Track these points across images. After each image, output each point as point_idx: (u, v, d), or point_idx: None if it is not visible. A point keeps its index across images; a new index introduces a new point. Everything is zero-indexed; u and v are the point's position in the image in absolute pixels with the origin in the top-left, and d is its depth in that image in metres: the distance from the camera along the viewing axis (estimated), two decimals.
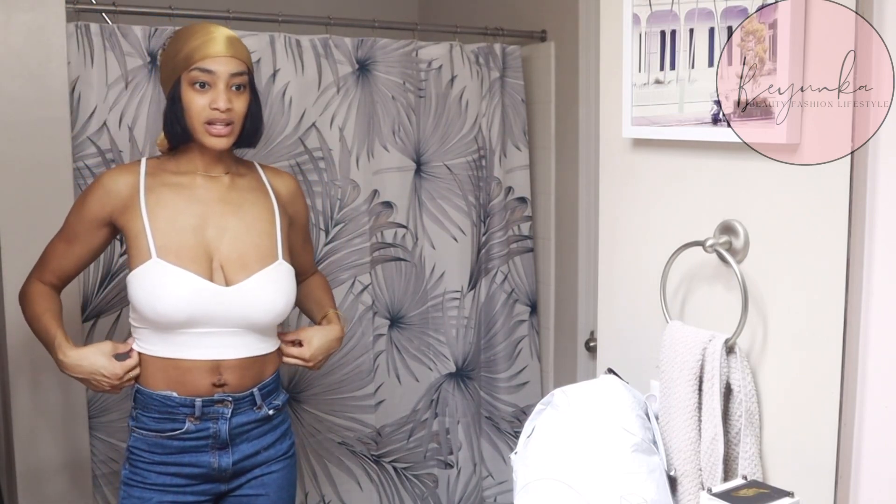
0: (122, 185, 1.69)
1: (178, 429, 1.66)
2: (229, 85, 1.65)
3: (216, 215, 1.70)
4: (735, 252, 1.15)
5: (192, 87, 1.64)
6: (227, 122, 1.65)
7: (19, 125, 2.00)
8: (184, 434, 1.67)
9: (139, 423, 1.69)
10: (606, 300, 1.43)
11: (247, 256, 1.68)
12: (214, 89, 1.64)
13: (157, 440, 1.67)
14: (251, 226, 1.72)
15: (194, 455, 1.68)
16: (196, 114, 1.64)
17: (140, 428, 1.68)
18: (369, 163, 2.49)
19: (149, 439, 1.67)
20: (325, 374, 2.49)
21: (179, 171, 1.73)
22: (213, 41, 1.65)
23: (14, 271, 2.01)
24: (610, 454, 1.13)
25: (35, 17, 2.00)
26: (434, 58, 2.56)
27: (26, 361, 2.04)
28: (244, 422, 1.72)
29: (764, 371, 1.13)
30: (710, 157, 1.19)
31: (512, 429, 2.79)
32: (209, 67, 1.63)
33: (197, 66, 1.63)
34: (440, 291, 2.67)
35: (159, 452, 1.67)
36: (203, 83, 1.64)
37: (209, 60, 1.63)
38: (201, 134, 1.66)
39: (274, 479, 1.77)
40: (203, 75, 1.63)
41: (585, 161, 2.52)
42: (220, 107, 1.63)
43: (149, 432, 1.67)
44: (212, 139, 1.66)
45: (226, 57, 1.64)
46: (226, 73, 1.64)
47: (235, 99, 1.66)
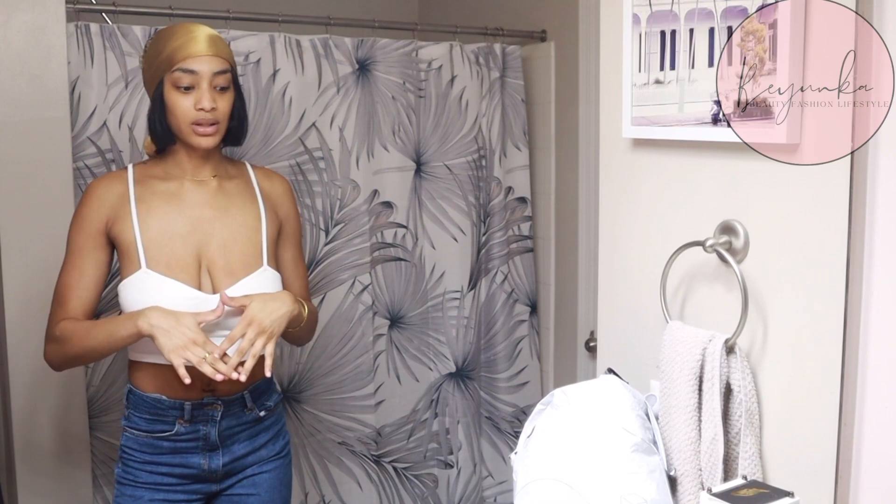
0: (113, 195, 1.68)
1: (168, 430, 1.66)
2: (213, 84, 1.64)
3: (204, 221, 1.69)
4: (735, 252, 1.15)
5: (176, 88, 1.63)
6: (212, 121, 1.64)
7: (19, 125, 2.00)
8: (174, 436, 1.67)
9: (131, 422, 1.69)
10: (606, 300, 1.43)
11: (233, 263, 1.68)
12: (198, 89, 1.63)
13: (147, 440, 1.67)
14: (237, 232, 1.70)
15: (185, 456, 1.68)
16: (181, 115, 1.63)
17: (132, 428, 1.69)
18: (369, 163, 2.49)
19: (140, 439, 1.68)
20: (325, 374, 2.50)
21: (168, 176, 1.71)
22: (195, 40, 1.63)
23: (14, 271, 2.01)
24: (610, 454, 1.13)
25: (35, 17, 2.00)
26: (434, 58, 2.56)
27: (26, 361, 2.04)
28: (234, 424, 1.71)
29: (764, 371, 1.13)
30: (710, 157, 1.19)
31: (512, 429, 2.79)
32: (192, 67, 1.62)
33: (179, 66, 1.62)
34: (440, 291, 2.67)
35: (150, 452, 1.67)
36: (186, 84, 1.62)
37: (191, 60, 1.62)
38: (188, 135, 1.65)
39: (266, 479, 1.77)
40: (186, 76, 1.62)
41: (585, 161, 2.52)
42: (205, 107, 1.62)
43: (140, 432, 1.68)
44: (198, 139, 1.65)
45: (208, 56, 1.63)
46: (209, 73, 1.63)
47: (219, 98, 1.65)
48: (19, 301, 2.02)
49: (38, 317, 2.03)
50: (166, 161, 1.73)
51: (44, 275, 2.03)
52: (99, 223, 1.67)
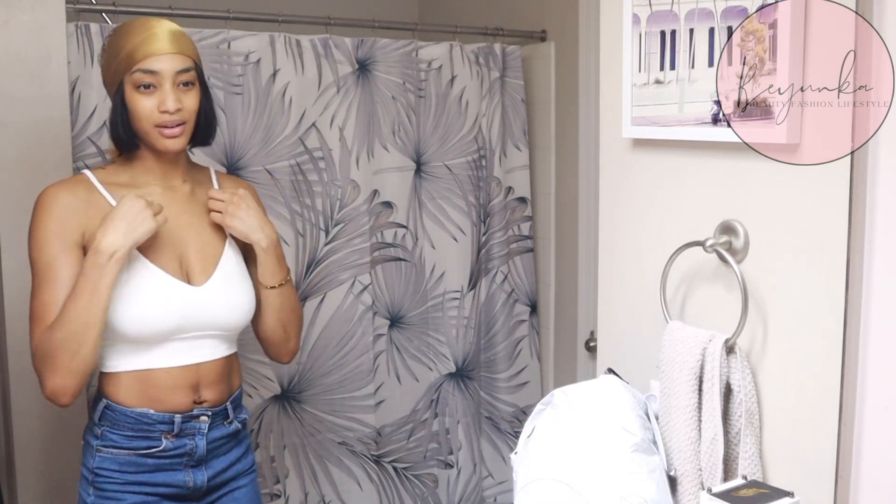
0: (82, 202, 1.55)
1: (153, 447, 1.57)
2: (176, 83, 1.53)
3: (181, 227, 1.62)
4: (735, 252, 1.15)
5: (137, 89, 1.52)
6: (178, 122, 1.54)
7: (19, 125, 2.00)
8: (160, 452, 1.58)
9: (106, 441, 1.57)
10: (606, 300, 1.43)
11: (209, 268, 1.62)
12: (160, 90, 1.52)
13: (129, 458, 1.57)
14: (210, 239, 1.65)
15: (169, 474, 1.60)
16: (145, 118, 1.53)
17: (108, 447, 1.57)
18: (369, 163, 2.49)
19: (119, 458, 1.57)
20: (325, 374, 2.50)
21: (135, 183, 1.60)
22: (154, 38, 1.52)
23: (14, 271, 2.01)
24: (610, 454, 1.13)
25: (35, 17, 2.00)
26: (434, 58, 2.56)
27: (26, 361, 2.03)
28: (217, 437, 1.65)
29: (764, 371, 1.13)
30: (709, 157, 1.19)
31: (512, 429, 2.79)
32: (152, 68, 1.51)
33: (139, 66, 1.51)
34: (440, 291, 2.67)
35: (132, 471, 1.57)
36: (147, 84, 1.52)
37: (151, 59, 1.51)
38: (154, 138, 1.55)
39: (244, 494, 1.72)
40: (147, 76, 1.51)
41: (585, 161, 2.52)
42: (169, 108, 1.52)
43: (119, 450, 1.57)
44: (165, 142, 1.55)
45: (169, 55, 1.52)
46: (171, 71, 1.52)
47: (184, 97, 1.54)
48: (19, 301, 2.02)
49: None
50: (133, 167, 1.62)
51: None
52: (73, 233, 1.52)
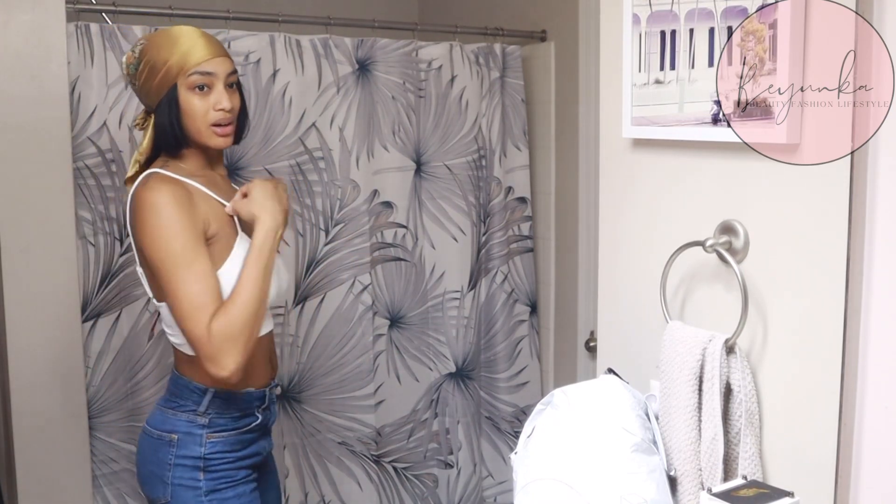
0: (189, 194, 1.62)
1: (253, 422, 1.72)
2: (227, 84, 1.68)
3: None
4: (735, 252, 1.15)
5: (192, 90, 1.65)
6: (230, 121, 1.69)
7: (19, 125, 2.00)
8: (257, 426, 1.73)
9: (214, 426, 1.67)
10: (606, 300, 1.43)
11: None
12: (215, 91, 1.66)
13: (236, 437, 1.70)
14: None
15: (258, 445, 1.76)
16: (201, 117, 1.66)
17: (218, 431, 1.67)
18: (369, 163, 2.49)
19: (230, 439, 1.69)
20: (325, 374, 2.50)
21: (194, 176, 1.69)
22: (204, 43, 1.67)
23: (14, 271, 2.01)
24: (610, 454, 1.13)
25: (35, 17, 2.00)
26: (434, 58, 2.56)
27: (26, 361, 2.04)
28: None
29: (764, 371, 1.13)
30: (710, 157, 1.19)
31: (512, 429, 2.79)
32: (209, 70, 1.65)
33: (197, 69, 1.64)
34: (440, 291, 2.67)
35: (239, 448, 1.71)
36: (202, 86, 1.65)
37: (207, 63, 1.65)
38: (207, 136, 1.67)
39: (273, 464, 1.90)
40: (203, 78, 1.65)
41: (585, 161, 2.52)
42: (226, 107, 1.66)
43: (229, 433, 1.69)
44: (218, 139, 1.69)
45: (221, 58, 1.68)
46: (224, 73, 1.67)
47: (232, 97, 1.69)
48: (19, 301, 2.02)
49: (38, 317, 2.04)
50: (184, 163, 1.71)
51: (44, 275, 2.04)
52: (199, 224, 1.60)
